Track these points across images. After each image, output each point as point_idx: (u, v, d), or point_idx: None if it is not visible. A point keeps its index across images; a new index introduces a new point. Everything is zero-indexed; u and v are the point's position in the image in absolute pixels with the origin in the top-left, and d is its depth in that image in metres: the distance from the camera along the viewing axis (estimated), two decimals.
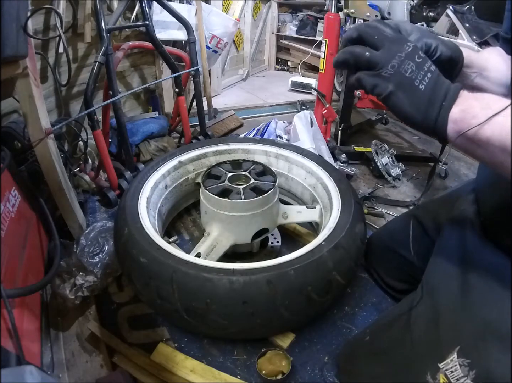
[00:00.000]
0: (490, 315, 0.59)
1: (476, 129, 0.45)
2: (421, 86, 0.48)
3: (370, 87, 0.50)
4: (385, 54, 0.49)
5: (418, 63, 0.48)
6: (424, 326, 0.68)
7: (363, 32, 0.51)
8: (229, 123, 2.31)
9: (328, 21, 1.81)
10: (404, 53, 0.48)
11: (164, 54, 1.57)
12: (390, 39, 0.50)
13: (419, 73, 0.48)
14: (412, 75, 0.48)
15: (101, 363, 0.91)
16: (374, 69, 0.49)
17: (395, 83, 0.48)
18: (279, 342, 0.96)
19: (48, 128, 1.03)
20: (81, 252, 1.06)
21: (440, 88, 0.49)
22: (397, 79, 0.48)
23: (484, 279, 0.64)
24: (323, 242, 0.92)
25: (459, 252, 0.72)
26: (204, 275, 0.82)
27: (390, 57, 0.48)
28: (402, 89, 0.49)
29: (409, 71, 0.48)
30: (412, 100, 0.49)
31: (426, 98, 0.48)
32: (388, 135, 2.33)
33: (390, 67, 0.48)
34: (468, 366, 0.56)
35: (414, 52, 0.49)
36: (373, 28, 0.51)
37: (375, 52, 0.49)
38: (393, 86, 0.49)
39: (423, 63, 0.49)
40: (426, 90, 0.48)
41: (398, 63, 0.48)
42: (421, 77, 0.48)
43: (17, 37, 0.81)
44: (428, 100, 0.48)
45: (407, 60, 0.48)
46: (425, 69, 0.49)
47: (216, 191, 1.07)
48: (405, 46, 0.49)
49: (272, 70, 3.86)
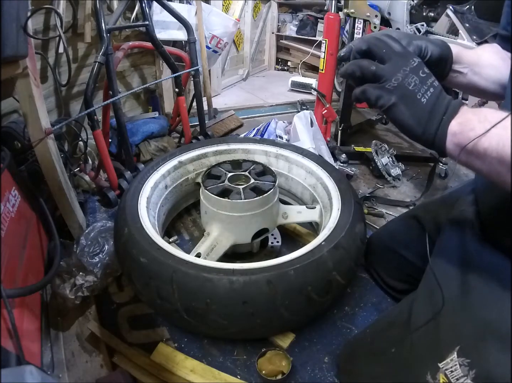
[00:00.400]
0: (490, 315, 0.59)
1: (474, 141, 0.47)
2: (423, 100, 0.50)
3: (374, 98, 0.52)
4: (391, 68, 0.50)
5: (422, 78, 0.50)
6: (424, 326, 0.68)
7: (372, 45, 0.53)
8: (229, 123, 2.31)
9: (328, 21, 1.81)
10: (409, 67, 0.50)
11: (164, 54, 1.57)
12: (397, 54, 0.51)
13: (422, 87, 0.50)
14: (415, 89, 0.50)
15: (101, 363, 0.91)
16: (379, 81, 0.51)
17: (398, 95, 0.50)
18: (279, 342, 0.96)
19: (48, 128, 1.03)
20: (81, 252, 1.06)
21: (442, 102, 0.50)
22: (400, 92, 0.50)
23: (484, 279, 0.64)
24: (323, 242, 0.92)
25: (459, 252, 0.72)
26: (204, 275, 0.82)
27: (395, 71, 0.50)
28: (404, 102, 0.50)
29: (412, 85, 0.50)
30: (413, 113, 0.50)
31: (427, 111, 0.50)
32: (388, 135, 2.33)
33: (394, 80, 0.50)
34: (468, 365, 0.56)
35: (419, 67, 0.50)
36: (382, 42, 0.53)
37: (381, 66, 0.51)
38: (395, 98, 0.50)
39: (427, 78, 0.50)
40: (427, 104, 0.50)
41: (402, 76, 0.50)
42: (424, 91, 0.50)
43: (17, 37, 0.81)
44: (429, 113, 0.50)
45: (411, 74, 0.50)
46: (428, 83, 0.50)
47: (216, 191, 1.07)
48: (411, 61, 0.51)
49: (272, 70, 3.86)
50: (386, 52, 0.51)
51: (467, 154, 0.49)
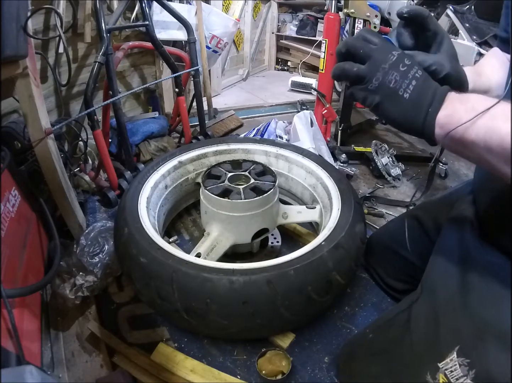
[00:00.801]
0: (490, 315, 0.59)
1: (462, 132, 0.46)
2: (406, 95, 0.49)
3: (361, 100, 0.53)
4: (370, 67, 0.50)
5: (403, 72, 0.49)
6: (424, 326, 0.68)
7: (350, 47, 0.52)
8: (229, 123, 2.31)
9: (328, 21, 1.81)
10: (388, 63, 0.49)
11: (164, 54, 1.57)
12: (376, 50, 0.51)
13: (404, 82, 0.49)
14: (395, 85, 0.49)
15: (101, 363, 0.91)
16: (362, 83, 0.51)
17: (380, 94, 0.50)
18: (279, 342, 0.96)
19: (48, 128, 1.03)
20: (81, 252, 1.06)
21: (426, 94, 0.49)
22: (382, 91, 0.50)
23: (483, 279, 0.64)
24: (323, 242, 0.92)
25: (458, 252, 0.72)
26: (204, 275, 0.82)
27: (374, 70, 0.50)
28: (387, 100, 0.50)
29: (393, 82, 0.49)
30: (398, 109, 0.50)
31: (410, 106, 0.49)
32: (388, 135, 2.33)
33: (374, 81, 0.50)
34: (467, 365, 0.56)
35: (399, 61, 0.50)
36: (359, 41, 0.52)
37: (362, 67, 0.51)
38: (379, 98, 0.51)
39: (408, 70, 0.50)
40: (410, 98, 0.49)
41: (382, 75, 0.50)
42: (406, 85, 0.49)
43: (17, 37, 0.81)
44: (413, 107, 0.49)
45: (391, 70, 0.49)
46: (409, 77, 0.49)
47: (216, 191, 1.07)
48: (390, 55, 0.50)
49: (272, 70, 3.86)
50: (364, 52, 0.51)
51: (456, 144, 0.49)
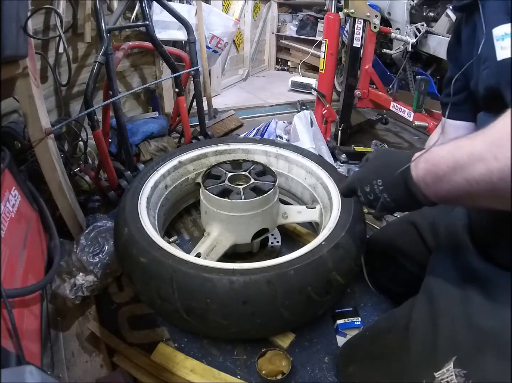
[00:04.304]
0: (489, 325, 0.58)
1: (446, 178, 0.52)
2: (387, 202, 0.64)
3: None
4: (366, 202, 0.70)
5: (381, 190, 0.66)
6: (422, 334, 0.67)
7: (344, 196, 0.76)
8: (229, 123, 2.31)
9: (328, 21, 1.81)
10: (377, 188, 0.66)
11: (164, 54, 1.57)
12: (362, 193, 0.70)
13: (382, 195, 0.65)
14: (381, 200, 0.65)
15: (101, 363, 0.91)
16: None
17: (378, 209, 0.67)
18: (279, 342, 0.96)
19: (48, 128, 1.03)
20: (81, 252, 1.06)
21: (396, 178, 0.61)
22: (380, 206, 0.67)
23: (483, 289, 0.63)
24: (323, 242, 0.92)
25: (457, 261, 0.71)
26: (204, 275, 0.82)
27: (371, 202, 0.68)
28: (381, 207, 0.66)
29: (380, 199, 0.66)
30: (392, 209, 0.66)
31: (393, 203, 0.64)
32: (388, 135, 2.33)
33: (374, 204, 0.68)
34: (464, 376, 0.55)
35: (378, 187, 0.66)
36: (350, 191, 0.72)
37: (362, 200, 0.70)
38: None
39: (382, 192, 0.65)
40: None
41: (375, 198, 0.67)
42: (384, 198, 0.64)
43: (17, 37, 0.81)
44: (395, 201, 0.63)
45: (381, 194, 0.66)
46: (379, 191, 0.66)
47: (216, 191, 1.07)
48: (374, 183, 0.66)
49: (272, 70, 3.86)
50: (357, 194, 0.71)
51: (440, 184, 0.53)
